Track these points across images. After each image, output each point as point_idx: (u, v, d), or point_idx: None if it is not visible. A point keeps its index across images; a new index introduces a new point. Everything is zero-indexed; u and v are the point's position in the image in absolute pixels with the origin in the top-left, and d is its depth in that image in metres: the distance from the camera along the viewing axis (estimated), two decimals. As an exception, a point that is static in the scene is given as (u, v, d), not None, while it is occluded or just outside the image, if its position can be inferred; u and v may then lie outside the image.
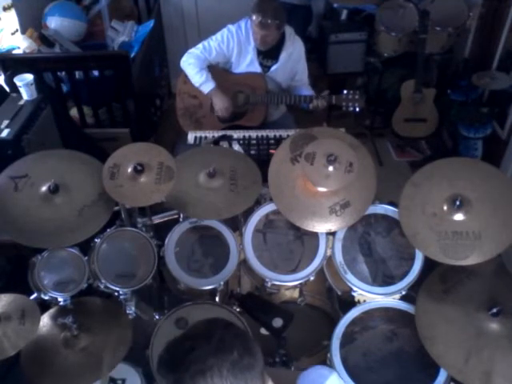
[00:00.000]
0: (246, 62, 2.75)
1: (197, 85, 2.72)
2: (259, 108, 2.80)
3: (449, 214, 1.64)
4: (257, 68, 2.76)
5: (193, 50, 2.73)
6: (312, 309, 2.04)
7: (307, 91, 2.82)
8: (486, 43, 3.36)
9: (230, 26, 2.72)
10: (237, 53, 2.72)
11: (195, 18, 4.15)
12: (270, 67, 2.79)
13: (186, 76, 2.77)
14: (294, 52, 2.78)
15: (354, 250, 1.86)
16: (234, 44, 2.70)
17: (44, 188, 1.73)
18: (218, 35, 2.72)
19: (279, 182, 1.87)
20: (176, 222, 1.93)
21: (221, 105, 2.73)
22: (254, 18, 2.57)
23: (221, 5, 3.96)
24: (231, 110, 2.76)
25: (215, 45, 2.70)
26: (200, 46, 2.72)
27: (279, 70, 2.79)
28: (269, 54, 2.76)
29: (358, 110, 2.66)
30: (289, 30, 2.75)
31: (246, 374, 0.99)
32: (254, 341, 1.08)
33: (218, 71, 2.76)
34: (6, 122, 2.40)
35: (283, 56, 2.76)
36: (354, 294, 1.82)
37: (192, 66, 2.70)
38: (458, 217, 1.63)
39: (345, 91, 2.65)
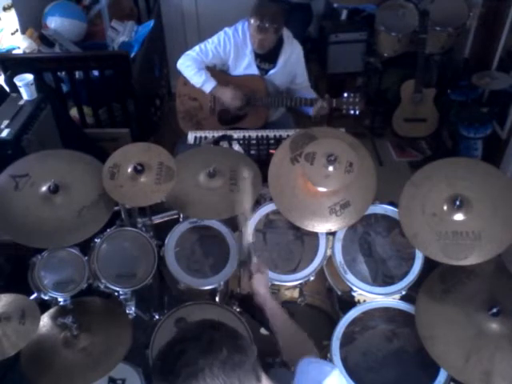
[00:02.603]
0: (244, 65, 2.74)
1: (198, 85, 2.70)
2: (260, 110, 2.78)
3: (449, 214, 1.64)
4: (254, 71, 2.74)
5: (189, 53, 2.71)
6: (312, 309, 2.04)
7: (310, 94, 2.78)
8: (486, 43, 3.35)
9: (227, 29, 2.70)
10: (234, 55, 2.71)
11: (195, 18, 4.15)
12: (267, 71, 2.77)
13: (185, 78, 2.75)
14: (292, 56, 2.76)
15: (353, 250, 1.86)
16: (231, 47, 2.68)
17: (44, 188, 1.73)
18: (215, 38, 2.70)
19: (279, 182, 1.87)
20: (176, 221, 1.94)
21: (230, 96, 2.69)
22: (252, 21, 2.56)
23: (221, 5, 3.95)
24: (243, 97, 2.70)
25: (212, 47, 2.68)
26: (196, 48, 2.70)
27: (277, 74, 2.77)
28: (266, 57, 2.74)
29: (357, 113, 2.66)
30: (287, 34, 2.73)
31: (238, 370, 1.00)
32: (244, 337, 1.09)
33: (217, 74, 2.74)
34: (5, 122, 2.39)
35: (281, 60, 2.74)
36: (354, 294, 1.82)
37: (190, 67, 2.68)
38: (458, 217, 1.63)
39: (345, 94, 2.64)
